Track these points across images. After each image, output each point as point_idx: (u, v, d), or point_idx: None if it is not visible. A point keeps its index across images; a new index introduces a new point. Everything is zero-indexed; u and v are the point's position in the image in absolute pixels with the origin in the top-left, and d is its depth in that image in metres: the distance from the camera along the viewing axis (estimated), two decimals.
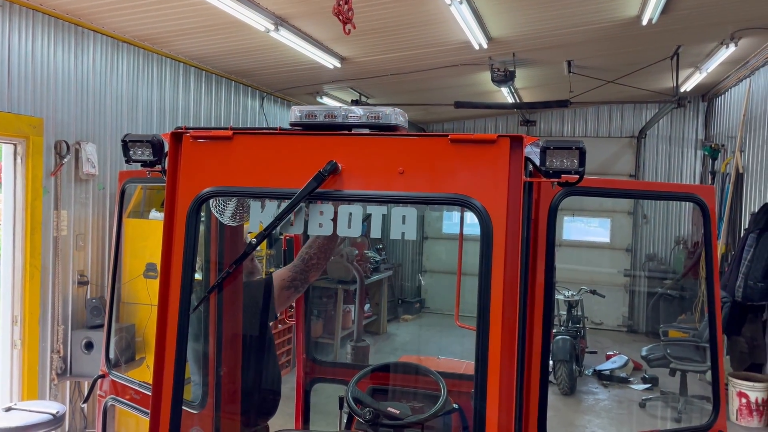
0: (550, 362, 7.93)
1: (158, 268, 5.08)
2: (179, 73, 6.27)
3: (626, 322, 11.07)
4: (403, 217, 1.90)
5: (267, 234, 1.94)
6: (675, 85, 7.83)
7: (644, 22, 5.80)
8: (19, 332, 4.69)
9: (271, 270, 5.53)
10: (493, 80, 7.25)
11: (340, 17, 3.77)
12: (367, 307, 9.85)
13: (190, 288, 2.00)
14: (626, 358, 8.55)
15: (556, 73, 8.01)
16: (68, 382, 5.10)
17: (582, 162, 1.83)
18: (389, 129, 1.99)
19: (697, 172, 10.77)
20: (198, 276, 2.15)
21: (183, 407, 2.60)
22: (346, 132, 1.97)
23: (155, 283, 5.17)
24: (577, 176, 1.87)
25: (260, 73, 7.04)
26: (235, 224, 2.19)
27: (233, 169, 2.02)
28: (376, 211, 1.92)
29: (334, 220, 1.94)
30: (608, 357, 8.84)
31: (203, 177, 2.02)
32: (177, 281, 2.00)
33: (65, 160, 4.88)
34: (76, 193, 5.08)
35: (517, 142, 1.84)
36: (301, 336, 3.44)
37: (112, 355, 3.09)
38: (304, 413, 3.40)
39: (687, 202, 10.77)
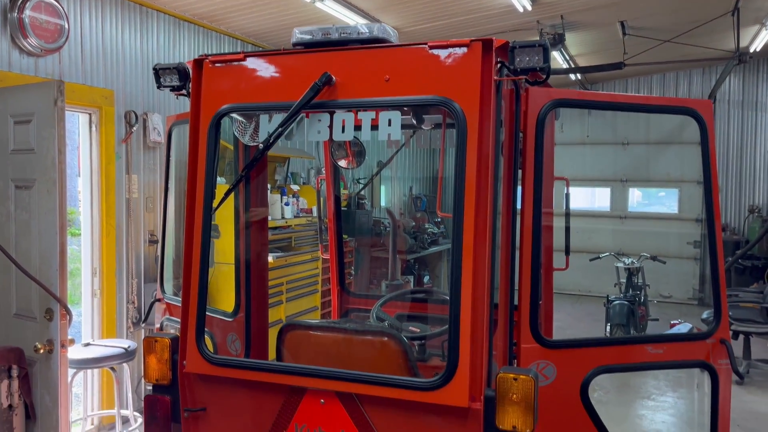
0: (607, 326, 7.90)
1: (219, 228, 5.46)
2: (237, 49, 6.72)
3: (696, 295, 10.73)
4: (389, 120, 2.12)
5: (273, 140, 2.22)
6: (736, 41, 7.56)
7: None
8: (98, 283, 5.24)
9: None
10: None
11: None
12: (426, 278, 10.07)
13: (212, 193, 2.31)
14: (690, 326, 8.31)
15: (610, 35, 7.91)
16: (142, 331, 5.64)
17: (546, 59, 1.99)
18: (379, 43, 2.22)
19: None
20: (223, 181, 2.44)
21: (219, 316, 2.95)
22: (340, 47, 2.22)
23: (218, 242, 5.58)
24: (544, 74, 2.02)
25: None
26: (254, 144, 2.49)
27: (246, 88, 2.31)
28: (366, 116, 2.16)
29: (330, 127, 2.20)
30: (672, 326, 8.64)
31: (221, 96, 2.33)
32: (201, 187, 2.31)
33: (134, 128, 5.39)
34: (145, 160, 5.59)
35: (488, 44, 2.02)
36: (335, 269, 3.72)
37: (166, 284, 3.47)
38: None
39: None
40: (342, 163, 3.54)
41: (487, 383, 1.99)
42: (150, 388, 2.41)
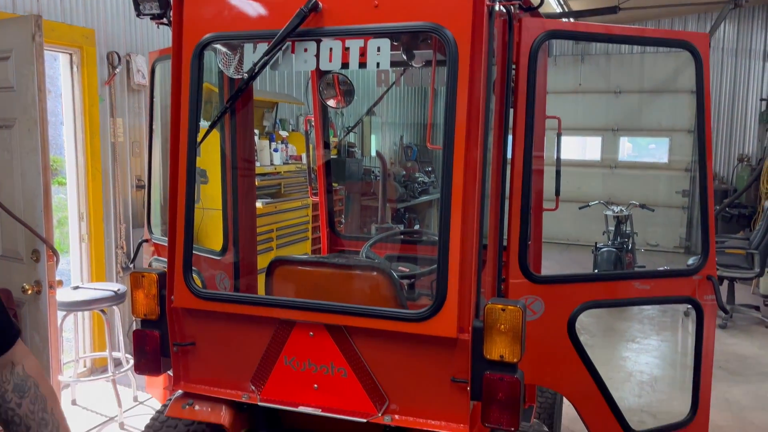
0: (595, 272, 8.00)
1: (207, 174, 5.39)
2: None
3: (683, 243, 10.85)
4: (378, 48, 2.06)
5: (258, 70, 2.15)
6: None
7: None
8: (85, 228, 5.20)
9: None
10: None
11: None
12: (416, 227, 10.10)
13: (196, 125, 2.25)
14: None
15: None
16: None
17: None
18: None
19: (764, 85, 10.21)
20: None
21: (207, 255, 2.93)
22: None
23: (206, 188, 5.53)
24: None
25: None
26: (238, 76, 2.41)
27: (230, 15, 2.22)
28: (354, 45, 2.09)
29: (317, 56, 2.13)
30: None
31: (204, 25, 2.24)
32: (185, 119, 2.25)
33: (117, 70, 5.25)
34: (130, 103, 5.47)
35: None
36: (324, 211, 3.70)
37: (152, 224, 3.44)
38: None
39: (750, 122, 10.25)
40: (331, 102, 3.47)
41: (476, 315, 2.00)
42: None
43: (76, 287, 4.52)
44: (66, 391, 4.72)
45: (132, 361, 4.70)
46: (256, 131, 6.76)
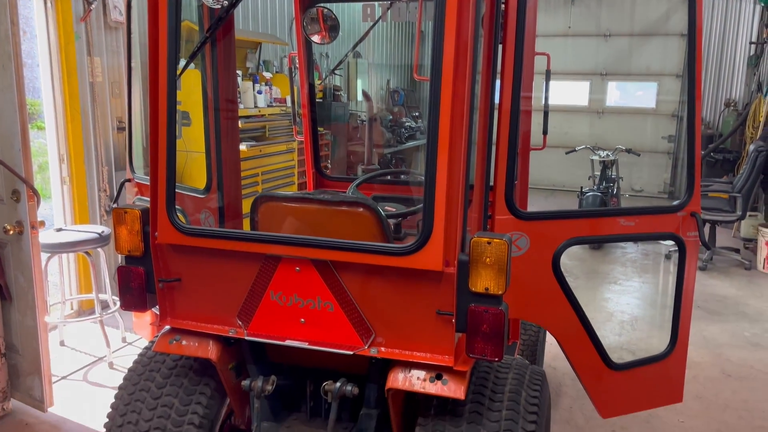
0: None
1: (191, 116, 5.31)
2: None
3: (667, 189, 10.94)
4: None
5: None
6: None
7: None
8: (66, 170, 5.12)
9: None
10: None
11: None
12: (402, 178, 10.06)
13: (176, 61, 2.18)
14: None
15: None
16: None
17: None
18: None
19: (754, 27, 10.10)
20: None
21: (191, 193, 2.90)
22: None
23: (189, 131, 5.44)
24: None
25: None
26: (218, 6, 2.33)
27: None
28: None
29: None
30: None
31: None
32: (164, 54, 2.18)
33: (93, 6, 5.05)
34: (107, 41, 5.30)
35: None
36: (310, 152, 3.65)
37: (135, 162, 3.38)
38: None
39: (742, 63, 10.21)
40: (315, 38, 3.38)
41: (461, 249, 2.00)
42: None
43: (60, 229, 4.47)
44: (54, 332, 4.73)
45: (119, 303, 4.71)
46: (239, 72, 6.60)
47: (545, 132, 3.37)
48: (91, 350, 4.63)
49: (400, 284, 2.05)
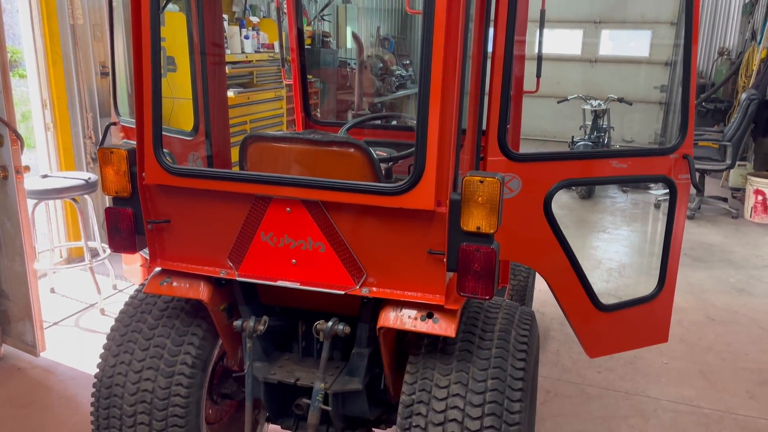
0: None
1: (176, 61, 5.17)
2: None
3: (658, 140, 10.93)
4: None
5: None
6: None
7: None
8: (50, 115, 5.01)
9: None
10: None
11: None
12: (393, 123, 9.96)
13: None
14: None
15: None
16: None
17: None
18: None
19: None
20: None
21: (178, 136, 2.85)
22: None
23: (175, 77, 5.33)
24: None
25: None
26: None
27: None
28: None
29: None
30: None
31: None
32: None
33: None
34: None
35: None
36: (299, 95, 3.58)
37: (119, 105, 3.30)
38: None
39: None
40: None
41: (453, 188, 1.98)
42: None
43: (45, 176, 4.41)
44: (44, 280, 4.73)
45: (108, 251, 4.69)
46: (225, 17, 6.43)
47: (539, 75, 3.32)
48: (82, 297, 4.63)
49: (391, 224, 2.04)
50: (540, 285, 4.11)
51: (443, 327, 2.04)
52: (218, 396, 2.65)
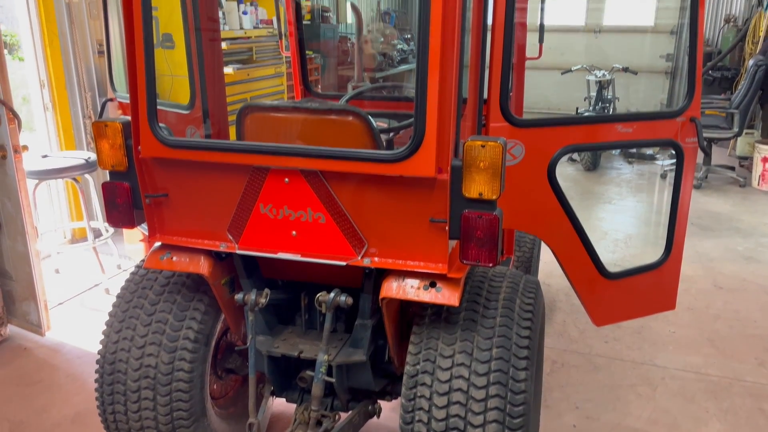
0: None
1: (173, 36, 5.11)
2: None
3: (664, 109, 10.79)
4: None
5: None
6: None
7: None
8: (48, 96, 4.96)
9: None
10: None
11: None
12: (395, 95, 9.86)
13: None
14: None
15: None
16: None
17: None
18: None
19: None
20: None
21: (174, 110, 2.80)
22: None
23: (173, 54, 5.27)
24: None
25: None
26: None
27: None
28: None
29: None
30: None
31: None
32: None
33: None
34: None
35: None
36: (298, 66, 3.52)
37: (116, 81, 3.26)
38: None
39: None
40: None
41: (455, 155, 1.94)
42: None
43: (45, 156, 4.38)
44: (48, 261, 4.72)
45: (112, 230, 4.67)
46: None
47: (541, 41, 3.24)
48: (86, 277, 4.63)
49: (392, 193, 2.00)
50: (545, 257, 4.08)
51: (446, 296, 2.01)
52: (222, 371, 2.65)
